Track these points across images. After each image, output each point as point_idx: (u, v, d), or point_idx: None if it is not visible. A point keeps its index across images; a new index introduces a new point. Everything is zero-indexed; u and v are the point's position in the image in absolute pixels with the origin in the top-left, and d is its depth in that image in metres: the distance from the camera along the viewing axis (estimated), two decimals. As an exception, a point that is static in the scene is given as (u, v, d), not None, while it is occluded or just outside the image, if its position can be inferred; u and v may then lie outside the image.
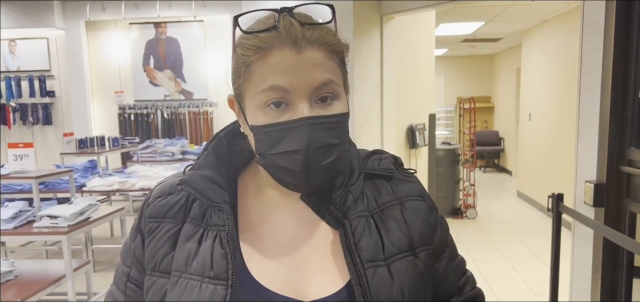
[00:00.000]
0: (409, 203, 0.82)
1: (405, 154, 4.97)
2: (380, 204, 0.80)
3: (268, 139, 0.71)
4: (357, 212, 0.78)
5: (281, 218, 0.80)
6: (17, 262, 3.18)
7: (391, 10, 3.68)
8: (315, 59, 0.70)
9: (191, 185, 0.77)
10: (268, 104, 0.70)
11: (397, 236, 0.77)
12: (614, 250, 2.25)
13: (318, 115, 0.70)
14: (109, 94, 7.83)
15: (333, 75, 0.72)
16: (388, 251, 0.76)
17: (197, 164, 0.81)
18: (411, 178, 0.87)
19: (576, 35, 2.50)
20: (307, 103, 0.70)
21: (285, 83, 0.69)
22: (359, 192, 0.80)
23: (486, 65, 11.79)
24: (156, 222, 0.80)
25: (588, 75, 2.34)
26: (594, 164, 2.31)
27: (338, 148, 0.73)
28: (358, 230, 0.76)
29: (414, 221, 0.81)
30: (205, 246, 0.74)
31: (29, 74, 7.72)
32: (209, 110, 7.62)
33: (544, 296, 3.84)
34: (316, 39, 0.70)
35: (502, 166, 11.42)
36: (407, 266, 0.76)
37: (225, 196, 0.78)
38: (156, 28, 7.61)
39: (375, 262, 0.74)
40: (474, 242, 5.63)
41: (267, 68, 0.69)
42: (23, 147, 3.85)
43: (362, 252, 0.74)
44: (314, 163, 0.70)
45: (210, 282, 0.72)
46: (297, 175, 0.71)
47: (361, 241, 0.75)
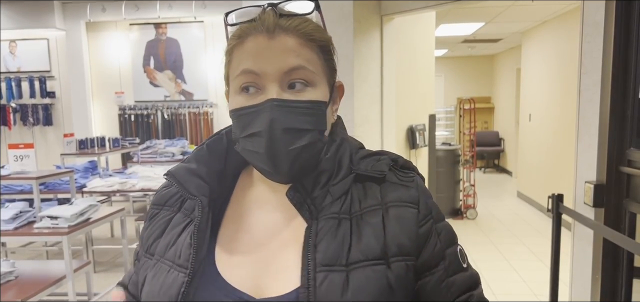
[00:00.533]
0: (394, 210, 0.76)
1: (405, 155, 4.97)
2: (363, 207, 0.77)
3: (240, 122, 0.75)
4: (330, 212, 0.75)
5: (262, 214, 0.80)
6: (18, 263, 3.18)
7: (391, 11, 3.68)
8: (287, 44, 0.72)
9: (175, 176, 0.81)
10: (242, 88, 0.74)
11: (368, 243, 0.73)
12: (614, 250, 2.25)
13: (283, 98, 0.72)
14: (109, 94, 7.84)
15: (307, 62, 0.73)
16: (353, 257, 0.71)
17: (188, 157, 0.84)
18: (408, 182, 0.80)
19: (576, 35, 2.50)
20: (278, 87, 0.72)
21: (255, 67, 0.72)
22: (341, 193, 0.77)
23: (486, 66, 11.79)
24: (157, 208, 0.86)
25: (588, 76, 2.35)
26: (594, 164, 2.32)
27: (308, 134, 0.73)
28: (322, 231, 0.73)
29: (395, 229, 0.75)
30: (183, 235, 0.78)
31: (29, 74, 7.72)
32: (209, 111, 7.63)
33: (544, 296, 3.84)
34: (289, 26, 0.73)
35: (502, 167, 11.42)
36: (371, 275, 0.71)
37: (206, 190, 0.79)
38: (156, 29, 7.62)
39: (330, 267, 0.70)
40: (474, 242, 5.63)
41: (242, 53, 0.73)
42: (23, 147, 3.85)
43: (317, 255, 0.71)
44: (279, 146, 0.71)
45: (176, 269, 0.75)
46: (263, 158, 0.73)
47: (321, 243, 0.72)
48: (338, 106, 0.85)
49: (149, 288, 0.77)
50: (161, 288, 0.75)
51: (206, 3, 6.93)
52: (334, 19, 3.39)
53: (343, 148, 0.81)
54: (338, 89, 0.84)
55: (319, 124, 0.76)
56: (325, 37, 0.78)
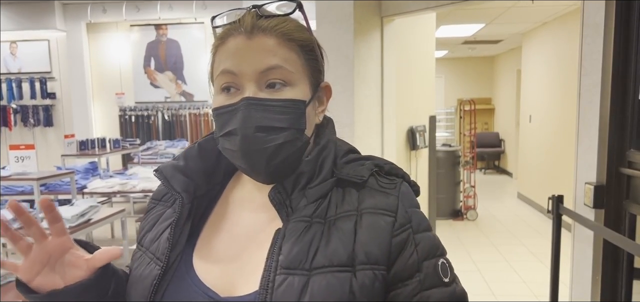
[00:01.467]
0: (368, 217, 0.74)
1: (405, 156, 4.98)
2: (338, 212, 0.75)
3: (218, 121, 0.76)
4: (301, 215, 0.74)
5: (245, 213, 0.82)
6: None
7: (391, 12, 3.68)
8: (265, 45, 0.73)
9: (162, 172, 0.82)
10: (222, 88, 0.75)
11: (335, 248, 0.71)
12: (614, 251, 2.25)
13: (258, 97, 0.72)
14: (109, 95, 7.85)
15: (284, 61, 0.74)
16: (317, 262, 0.70)
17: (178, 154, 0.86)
18: (387, 189, 0.77)
19: (576, 37, 2.50)
20: (255, 86, 0.73)
21: (233, 66, 0.73)
22: (318, 196, 0.76)
23: (486, 67, 11.79)
24: (154, 203, 0.89)
25: (588, 77, 2.35)
26: (594, 165, 2.32)
27: (284, 133, 0.73)
28: (289, 233, 0.72)
29: (365, 236, 0.72)
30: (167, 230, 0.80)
31: (30, 75, 7.73)
32: (209, 112, 7.63)
33: (544, 297, 3.84)
34: (267, 27, 0.74)
35: (502, 168, 11.42)
36: (333, 282, 0.69)
37: (191, 186, 0.81)
38: (157, 30, 7.62)
39: (291, 270, 0.69)
40: (475, 243, 5.63)
41: (223, 53, 0.75)
42: (24, 148, 3.86)
43: (280, 257, 0.71)
44: (253, 144, 0.72)
45: (154, 261, 0.78)
46: (239, 156, 0.74)
47: (286, 245, 0.71)
48: (325, 107, 0.84)
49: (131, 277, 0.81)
50: (139, 278, 0.78)
51: (206, 4, 6.94)
52: (334, 19, 3.40)
53: (327, 151, 0.79)
54: (324, 90, 0.83)
55: (296, 122, 0.75)
56: (305, 36, 0.78)
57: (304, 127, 0.76)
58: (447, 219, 6.60)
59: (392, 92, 3.97)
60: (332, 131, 0.84)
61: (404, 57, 4.56)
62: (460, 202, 6.85)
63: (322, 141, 0.80)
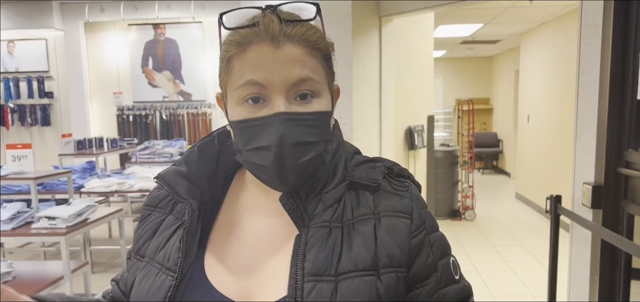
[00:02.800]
0: (386, 219, 0.75)
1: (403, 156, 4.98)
2: (355, 216, 0.75)
3: (244, 134, 0.72)
4: (320, 221, 0.73)
5: (254, 219, 0.80)
6: (15, 263, 3.17)
7: (390, 12, 3.68)
8: (293, 55, 0.70)
9: (165, 179, 0.80)
10: (246, 99, 0.71)
11: (359, 253, 0.71)
12: (611, 252, 2.25)
13: (293, 112, 0.70)
14: (107, 95, 7.83)
15: (313, 72, 0.72)
16: (343, 267, 0.70)
17: (179, 160, 0.83)
18: (402, 192, 0.78)
19: (574, 37, 2.51)
20: (285, 99, 0.70)
21: (261, 78, 0.69)
22: (333, 201, 0.75)
23: (485, 67, 11.80)
24: (149, 210, 0.86)
25: (586, 77, 2.35)
26: (592, 165, 2.32)
27: (316, 147, 0.72)
28: (312, 240, 0.72)
29: (386, 239, 0.73)
30: (172, 239, 0.78)
31: (27, 75, 7.71)
32: (207, 112, 7.63)
33: (542, 297, 3.84)
34: (295, 35, 0.70)
35: (500, 168, 11.43)
36: (360, 286, 0.69)
37: (197, 193, 0.79)
38: (155, 29, 7.61)
39: (319, 277, 0.69)
40: (473, 244, 5.64)
41: (246, 63, 0.70)
42: (21, 148, 3.84)
43: (306, 264, 0.70)
44: (288, 160, 0.70)
45: (164, 272, 0.75)
46: (270, 172, 0.71)
47: (311, 252, 0.71)
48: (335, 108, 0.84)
49: (137, 290, 0.78)
50: (149, 291, 0.75)
51: (205, 3, 6.92)
52: (333, 19, 3.39)
53: (339, 154, 0.80)
54: (335, 93, 0.82)
55: (325, 134, 0.75)
56: (327, 45, 0.76)
57: (329, 137, 0.77)
58: (445, 219, 6.60)
59: (390, 92, 3.97)
60: (339, 133, 0.84)
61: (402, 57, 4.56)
62: (458, 202, 6.86)
63: (334, 145, 0.79)
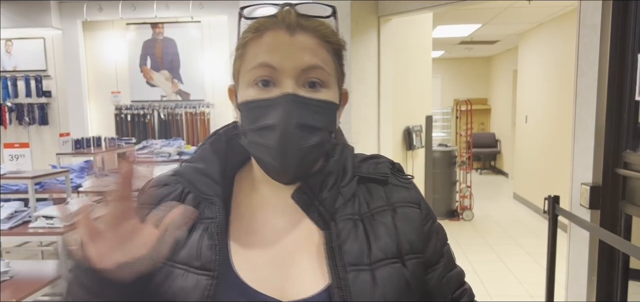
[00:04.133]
0: (401, 209, 0.80)
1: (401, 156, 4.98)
2: (372, 208, 0.79)
3: (251, 114, 0.73)
4: (345, 214, 0.77)
5: (270, 216, 0.80)
6: (13, 263, 3.17)
7: (388, 12, 3.68)
8: (306, 43, 0.73)
9: (185, 176, 0.80)
10: (256, 81, 0.73)
11: (385, 242, 0.76)
12: (609, 252, 2.26)
13: (301, 94, 0.72)
14: (105, 94, 7.81)
15: (323, 63, 0.74)
16: (374, 256, 0.74)
17: (192, 157, 0.83)
18: (407, 184, 0.85)
19: (572, 37, 2.51)
20: (294, 83, 0.72)
21: (274, 61, 0.71)
22: (351, 195, 0.79)
23: (483, 68, 11.81)
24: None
25: (584, 78, 2.35)
26: (590, 166, 2.32)
27: (320, 133, 0.74)
28: (344, 232, 0.75)
29: (404, 228, 0.79)
30: (194, 236, 0.75)
31: (25, 73, 7.69)
32: (206, 111, 7.61)
33: (540, 297, 3.85)
34: (309, 26, 0.73)
35: (498, 168, 11.44)
36: (392, 273, 0.75)
37: (218, 189, 0.79)
38: (153, 28, 7.60)
39: (358, 266, 0.73)
40: (471, 244, 5.64)
41: (260, 46, 0.73)
42: (19, 147, 3.84)
43: (345, 255, 0.73)
44: (291, 141, 0.71)
45: (195, 272, 0.72)
46: (273, 153, 0.71)
47: (346, 243, 0.74)
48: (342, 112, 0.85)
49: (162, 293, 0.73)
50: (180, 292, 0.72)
51: (203, 3, 6.92)
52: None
53: (346, 152, 0.83)
54: (343, 96, 0.84)
55: (330, 124, 0.76)
56: (340, 41, 0.79)
57: (334, 129, 0.79)
58: (443, 219, 6.60)
59: (388, 92, 3.97)
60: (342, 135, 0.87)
61: (400, 57, 4.56)
62: (456, 202, 6.86)
63: (340, 143, 0.83)
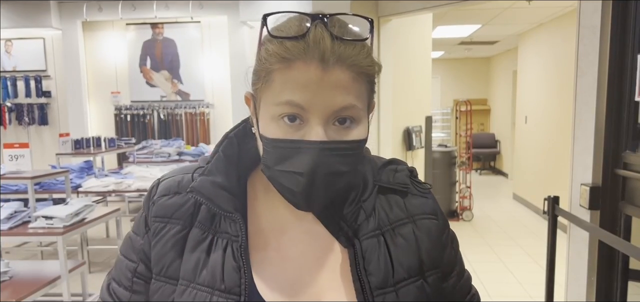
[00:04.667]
0: (421, 222, 0.79)
1: (401, 156, 4.98)
2: (392, 220, 0.77)
3: (276, 153, 0.67)
4: (368, 231, 0.74)
5: (291, 230, 0.77)
6: (12, 263, 3.17)
7: (388, 13, 3.68)
8: (340, 80, 0.64)
9: (202, 193, 0.74)
10: (282, 116, 0.66)
11: (407, 259, 0.75)
12: (609, 253, 2.26)
13: (332, 141, 0.66)
14: (105, 94, 7.82)
15: (357, 99, 0.67)
16: (397, 275, 0.73)
17: (207, 168, 0.76)
18: (426, 194, 0.82)
19: (572, 38, 2.51)
20: (323, 125, 0.65)
21: (303, 101, 0.64)
22: (372, 208, 0.76)
23: (483, 68, 11.81)
24: (162, 222, 0.76)
25: (584, 78, 2.35)
26: (590, 166, 2.32)
27: (347, 176, 0.69)
28: (368, 253, 0.73)
29: (425, 241, 0.77)
30: (215, 256, 0.72)
31: (25, 74, 7.70)
32: (205, 112, 7.62)
33: (540, 298, 3.85)
34: (346, 58, 0.64)
35: (498, 169, 11.44)
36: (415, 292, 0.74)
37: (238, 204, 0.75)
38: (153, 29, 7.60)
39: (384, 290, 0.72)
40: (470, 244, 5.64)
41: (288, 81, 0.64)
42: (19, 147, 3.83)
43: (371, 278, 0.71)
44: (318, 190, 0.66)
45: (221, 296, 0.70)
46: (297, 196, 0.68)
47: (371, 265, 0.72)
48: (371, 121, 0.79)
49: None
50: None
51: (203, 3, 6.92)
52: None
53: (367, 162, 0.80)
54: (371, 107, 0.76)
55: (358, 162, 0.72)
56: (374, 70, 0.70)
57: (363, 164, 0.77)
58: (442, 220, 6.59)
59: (388, 92, 3.97)
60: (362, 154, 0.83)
61: (400, 57, 4.56)
62: (456, 202, 6.86)
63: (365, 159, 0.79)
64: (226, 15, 7.04)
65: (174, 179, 0.80)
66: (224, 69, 7.45)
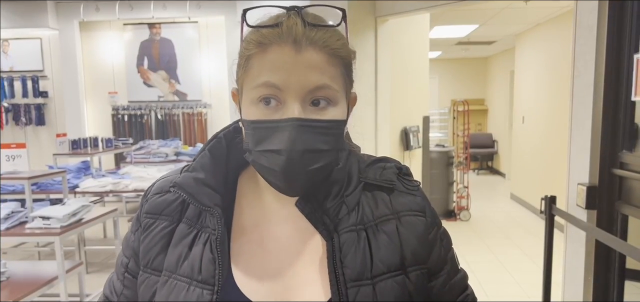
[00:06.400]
0: (406, 218, 0.79)
1: (399, 156, 4.98)
2: (376, 216, 0.78)
3: (255, 135, 0.71)
4: (348, 225, 0.75)
5: (273, 224, 0.79)
6: (9, 264, 3.16)
7: (385, 13, 3.69)
8: (314, 60, 0.68)
9: (184, 188, 0.77)
10: (260, 99, 0.70)
11: (387, 254, 0.75)
12: (606, 252, 2.26)
13: (308, 118, 0.69)
14: (102, 94, 7.80)
15: (332, 80, 0.70)
16: (376, 269, 0.73)
17: (191, 166, 0.80)
18: (413, 191, 0.82)
19: (569, 38, 2.51)
20: (300, 104, 0.68)
21: (279, 81, 0.68)
22: (355, 203, 0.77)
23: (480, 68, 11.83)
24: (152, 218, 0.81)
25: (581, 78, 2.36)
26: (587, 166, 2.33)
27: (327, 154, 0.71)
28: (346, 246, 0.74)
29: (409, 238, 0.77)
30: (196, 249, 0.75)
31: (21, 74, 7.67)
32: (203, 112, 7.61)
33: (537, 297, 3.85)
34: (318, 40, 0.69)
35: (495, 168, 11.46)
36: (394, 286, 0.74)
37: (218, 199, 0.77)
38: (150, 29, 7.59)
39: (359, 282, 0.72)
40: (468, 244, 5.65)
41: (264, 63, 0.69)
42: (15, 147, 3.82)
43: (346, 270, 0.72)
44: (297, 166, 0.68)
45: (198, 286, 0.73)
46: (278, 176, 0.70)
47: (347, 257, 0.73)
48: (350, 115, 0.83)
49: None
50: None
51: (200, 3, 6.91)
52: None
53: (351, 158, 0.81)
54: (352, 99, 0.81)
55: (337, 143, 0.74)
56: (349, 53, 0.75)
57: (341, 147, 0.77)
58: (440, 220, 6.60)
59: (386, 92, 3.97)
60: (348, 137, 0.86)
61: (398, 57, 4.57)
62: (453, 202, 6.87)
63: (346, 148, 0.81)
64: (223, 15, 7.04)
65: (168, 178, 0.83)
66: (222, 69, 7.44)
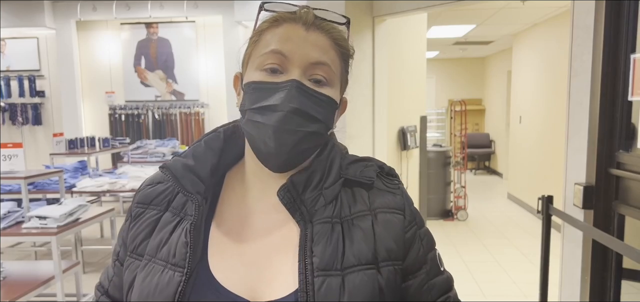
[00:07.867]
0: (382, 215, 0.80)
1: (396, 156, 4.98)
2: (353, 212, 0.79)
3: (254, 94, 0.75)
4: (324, 217, 0.77)
5: (254, 215, 0.81)
6: (6, 263, 3.15)
7: (383, 12, 3.69)
8: (319, 41, 0.76)
9: (171, 170, 0.81)
10: (266, 66, 0.75)
11: (360, 247, 0.76)
12: (603, 252, 2.27)
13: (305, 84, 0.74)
14: (99, 94, 7.79)
15: (332, 63, 0.77)
16: (347, 261, 0.74)
17: (185, 152, 0.84)
18: (394, 189, 0.84)
19: (566, 38, 2.52)
20: (301, 74, 0.74)
21: (286, 49, 0.74)
22: (333, 197, 0.79)
23: (477, 68, 11.84)
24: (142, 208, 0.85)
25: (578, 78, 2.36)
26: (584, 166, 2.33)
27: (318, 124, 0.75)
28: (318, 235, 0.75)
29: (383, 234, 0.79)
30: (175, 234, 0.78)
31: (18, 73, 7.66)
32: (200, 111, 7.60)
33: (534, 297, 3.86)
34: (324, 28, 0.78)
35: (492, 168, 11.48)
36: (364, 279, 0.74)
37: (201, 187, 0.80)
38: (147, 28, 7.58)
39: (327, 272, 0.73)
40: (465, 244, 5.66)
41: (275, 35, 0.76)
42: (12, 147, 3.81)
43: (314, 259, 0.73)
44: (289, 124, 0.72)
45: (171, 268, 0.76)
46: (269, 133, 0.72)
47: (318, 246, 0.74)
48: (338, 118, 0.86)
49: (140, 289, 0.77)
50: (156, 288, 0.75)
51: (198, 3, 6.91)
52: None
53: (334, 152, 0.84)
54: (343, 103, 0.86)
55: (328, 119, 0.78)
56: (349, 49, 0.83)
57: (331, 126, 0.81)
58: (437, 219, 6.62)
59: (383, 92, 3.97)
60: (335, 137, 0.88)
61: (395, 57, 4.57)
62: (450, 202, 6.88)
63: (330, 143, 0.84)
64: (221, 15, 7.03)
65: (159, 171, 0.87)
66: (219, 69, 7.44)
